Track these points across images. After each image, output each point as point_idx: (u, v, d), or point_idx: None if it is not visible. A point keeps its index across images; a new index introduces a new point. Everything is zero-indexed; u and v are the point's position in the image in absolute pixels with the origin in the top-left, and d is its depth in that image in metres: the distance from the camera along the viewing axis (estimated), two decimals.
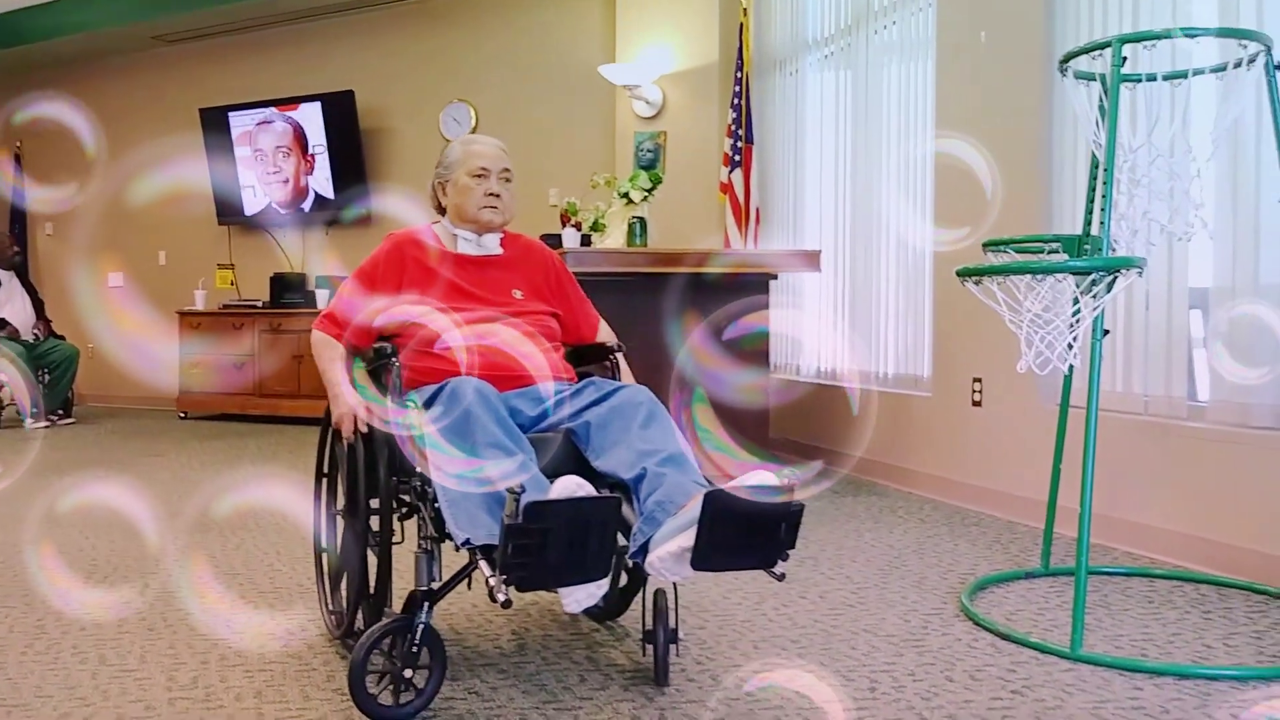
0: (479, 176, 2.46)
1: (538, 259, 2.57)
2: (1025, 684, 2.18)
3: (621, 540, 2.05)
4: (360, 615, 2.24)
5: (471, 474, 1.97)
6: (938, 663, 2.32)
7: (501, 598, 1.78)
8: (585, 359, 2.59)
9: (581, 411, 2.22)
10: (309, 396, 6.96)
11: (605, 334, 2.65)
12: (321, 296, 7.36)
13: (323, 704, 2.07)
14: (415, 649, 1.97)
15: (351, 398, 2.27)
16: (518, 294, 2.46)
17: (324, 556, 2.54)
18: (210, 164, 7.91)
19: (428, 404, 2.15)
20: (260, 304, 7.59)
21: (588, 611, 2.44)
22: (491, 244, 2.51)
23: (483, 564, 1.87)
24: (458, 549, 1.95)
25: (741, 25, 5.79)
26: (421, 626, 1.97)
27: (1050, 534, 3.08)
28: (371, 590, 2.21)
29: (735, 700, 2.09)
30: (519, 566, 1.76)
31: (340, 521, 2.39)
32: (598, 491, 1.97)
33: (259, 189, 7.81)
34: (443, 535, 2.04)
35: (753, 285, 4.56)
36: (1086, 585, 2.44)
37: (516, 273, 2.50)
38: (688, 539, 1.86)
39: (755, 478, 1.89)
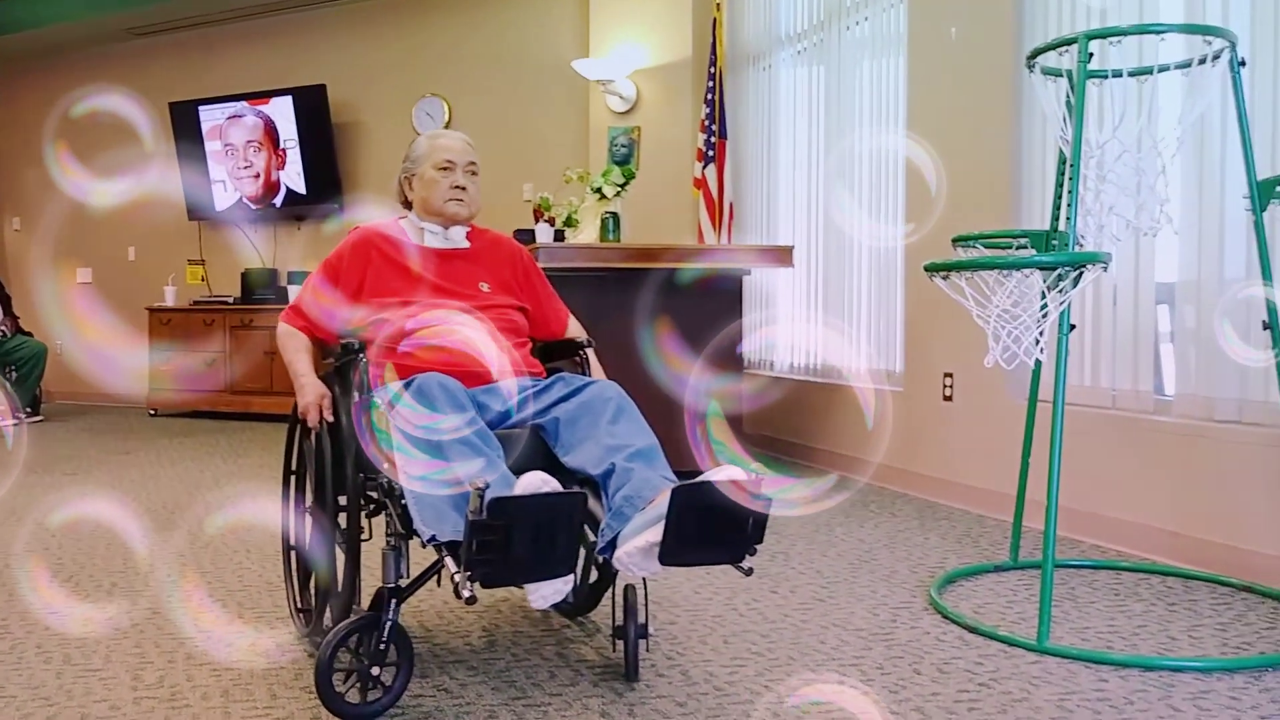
0: (445, 170, 2.46)
1: (505, 252, 2.57)
2: (992, 676, 2.20)
3: (590, 536, 2.05)
4: (328, 613, 2.22)
5: (437, 472, 1.96)
6: (906, 656, 2.33)
7: (466, 594, 1.77)
8: (556, 355, 2.59)
9: (550, 407, 2.22)
10: (281, 393, 6.91)
11: (574, 329, 2.65)
12: (293, 293, 7.28)
13: (290, 702, 2.06)
14: (382, 646, 1.96)
15: (316, 387, 2.28)
16: (485, 287, 2.45)
17: (292, 554, 2.52)
18: (180, 159, 7.83)
19: (393, 401, 2.12)
20: (231, 300, 7.53)
21: (558, 607, 2.44)
22: (458, 237, 2.51)
23: (448, 560, 1.87)
24: (424, 545, 1.95)
25: (715, 20, 5.80)
26: (389, 624, 1.96)
27: (1019, 527, 3.10)
28: (339, 588, 2.19)
29: (704, 695, 2.10)
30: (483, 563, 1.76)
31: (308, 518, 2.37)
32: (564, 487, 1.96)
33: (229, 184, 7.75)
34: (410, 532, 2.02)
35: (726, 281, 4.57)
36: (1053, 578, 2.46)
37: (483, 266, 2.50)
38: (655, 534, 1.87)
39: (724, 473, 1.89)
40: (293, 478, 2.49)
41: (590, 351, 2.53)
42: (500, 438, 2.13)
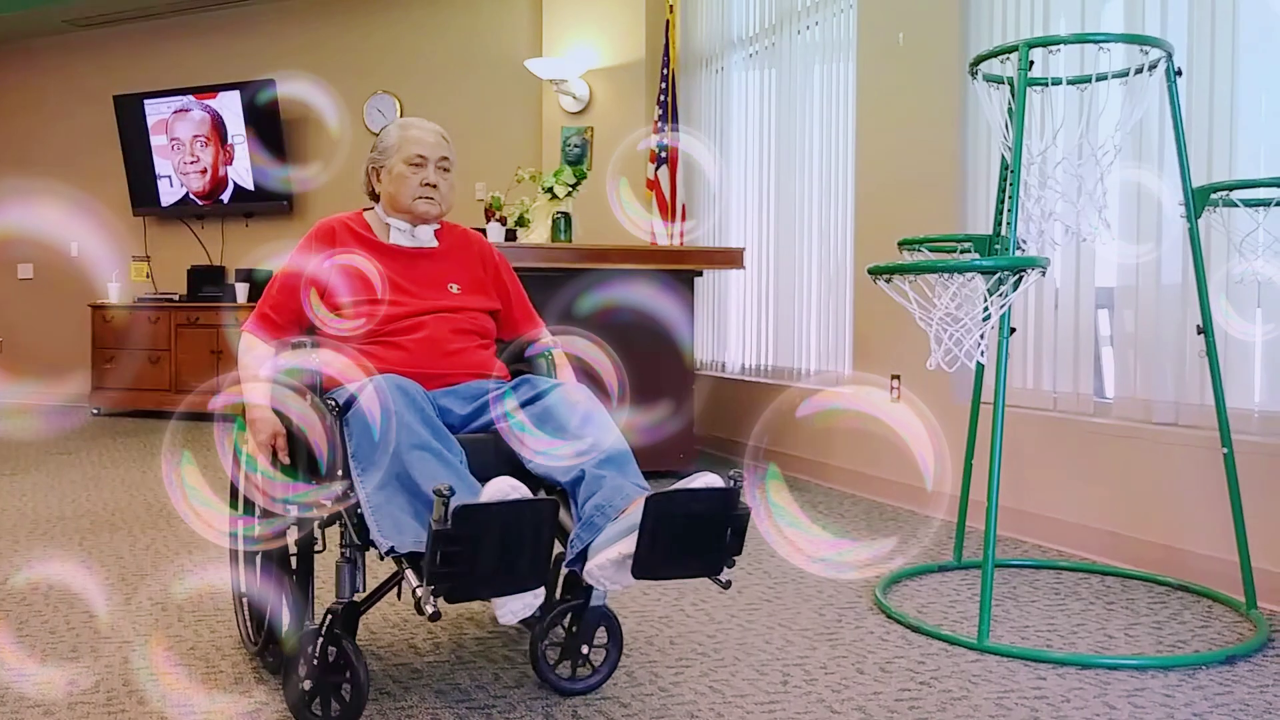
0: (416, 165, 2.30)
1: (476, 251, 2.43)
2: (933, 675, 2.23)
3: (559, 547, 1.96)
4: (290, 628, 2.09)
5: (395, 479, 1.87)
6: (850, 655, 2.35)
7: (430, 610, 1.66)
8: (519, 356, 2.46)
9: (513, 412, 2.10)
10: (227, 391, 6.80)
11: (547, 336, 2.49)
12: (241, 290, 7.21)
13: (229, 706, 2.03)
14: (338, 665, 1.88)
15: (270, 424, 2.12)
16: (454, 288, 2.31)
17: (238, 554, 2.41)
18: (125, 153, 7.69)
19: (348, 404, 2.00)
20: (177, 297, 7.41)
21: (525, 621, 2.40)
22: (426, 236, 2.36)
23: (409, 573, 1.77)
24: (382, 558, 1.85)
25: (668, 22, 5.82)
26: (343, 641, 1.88)
27: (963, 528, 3.15)
28: (291, 603, 2.09)
29: (649, 696, 2.10)
30: (447, 576, 1.65)
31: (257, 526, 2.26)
32: (533, 494, 1.84)
33: (176, 179, 7.62)
34: (367, 543, 1.92)
35: (678, 281, 4.58)
36: (994, 578, 2.50)
37: (452, 265, 2.36)
38: (628, 545, 1.77)
39: (701, 480, 1.80)
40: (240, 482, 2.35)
41: (558, 354, 2.41)
42: (464, 442, 2.01)
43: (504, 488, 1.75)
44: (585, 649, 2.11)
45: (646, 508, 1.73)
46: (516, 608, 1.77)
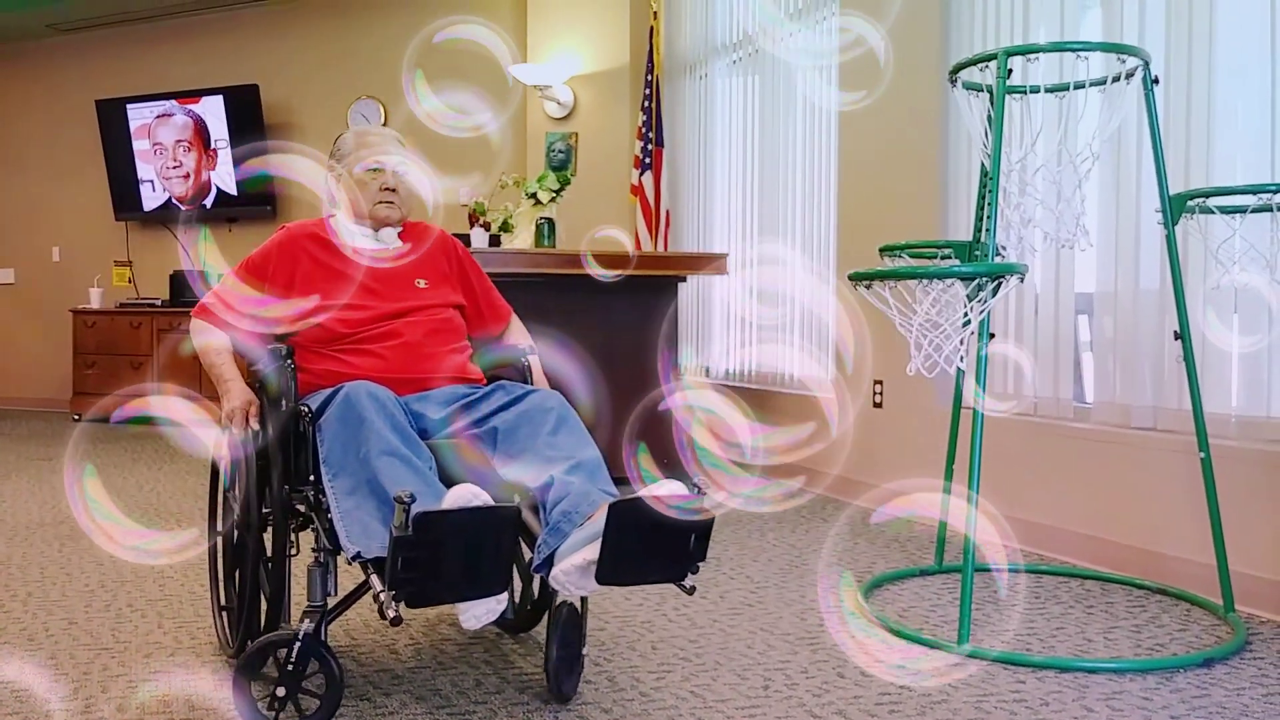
0: (374, 171, 2.33)
1: (438, 245, 2.43)
2: (913, 679, 2.24)
3: (527, 552, 1.97)
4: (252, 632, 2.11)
5: (364, 485, 1.88)
6: (830, 660, 2.36)
7: (391, 614, 1.68)
8: (493, 361, 2.44)
9: (488, 417, 2.11)
10: (210, 397, 6.77)
11: (517, 330, 2.53)
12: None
13: (208, 715, 2.02)
14: (303, 668, 1.88)
15: (243, 392, 2.17)
16: (421, 283, 2.32)
17: (219, 567, 2.41)
18: (107, 157, 7.66)
19: (320, 410, 2.03)
20: (159, 303, 7.38)
21: (497, 622, 2.39)
22: (389, 238, 2.37)
23: (373, 578, 1.79)
24: (350, 563, 1.87)
25: (652, 29, 5.84)
26: (313, 644, 1.88)
27: (944, 532, 3.16)
28: (262, 604, 2.10)
29: (630, 701, 2.10)
30: (408, 582, 1.67)
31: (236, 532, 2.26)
32: (495, 500, 1.85)
33: (158, 184, 7.59)
34: (337, 548, 1.94)
35: (662, 287, 4.59)
36: (974, 582, 2.51)
37: (417, 261, 2.36)
38: (592, 552, 1.78)
39: (665, 488, 1.81)
40: (220, 487, 2.37)
41: (534, 359, 2.41)
42: (434, 449, 2.03)
43: (466, 494, 1.77)
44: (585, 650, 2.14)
45: (610, 514, 1.75)
46: (480, 612, 1.80)
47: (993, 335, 2.64)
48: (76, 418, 7.36)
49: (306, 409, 2.05)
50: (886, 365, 4.14)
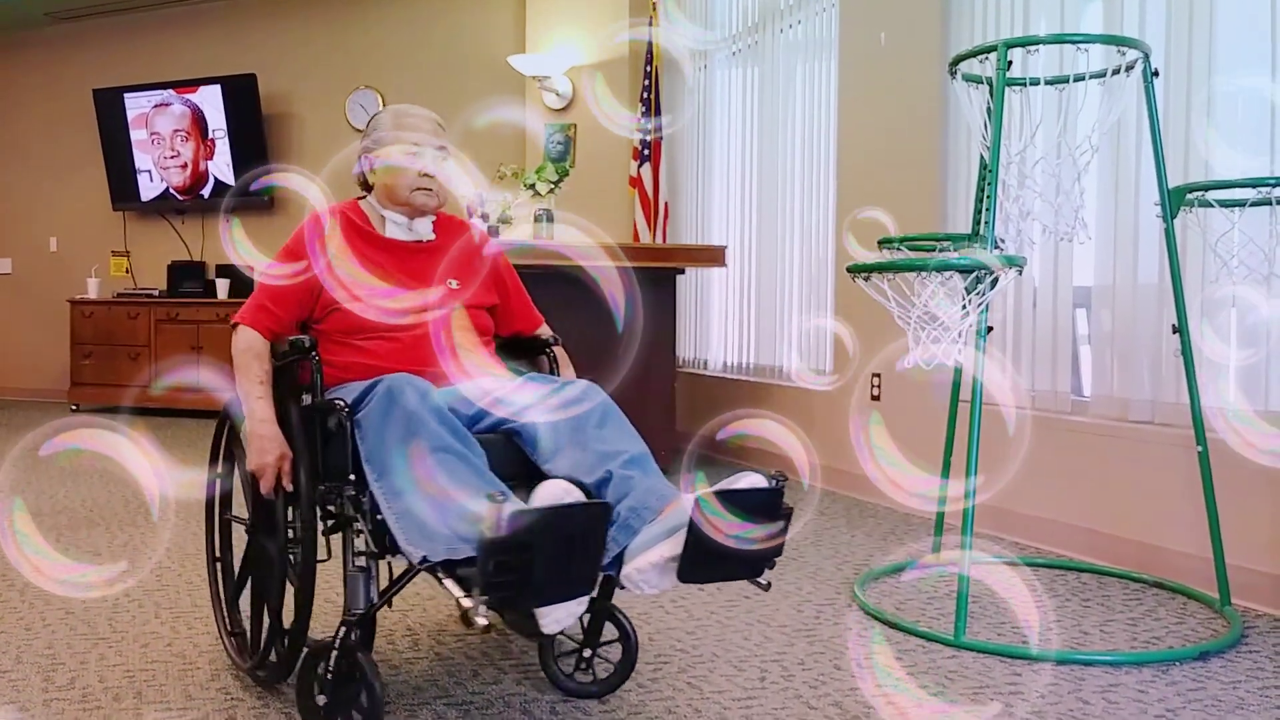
0: (411, 155, 2.18)
1: (474, 245, 2.30)
2: (909, 671, 2.24)
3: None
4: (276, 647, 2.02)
5: (422, 483, 1.77)
6: (827, 652, 2.36)
7: (482, 622, 1.55)
8: (519, 353, 2.36)
9: (524, 410, 2.00)
10: (207, 388, 6.78)
11: (544, 330, 2.41)
12: (222, 286, 7.18)
13: (205, 704, 2.02)
14: (349, 680, 1.81)
15: (278, 445, 1.97)
16: (453, 284, 2.19)
17: (218, 566, 2.33)
18: (104, 147, 7.64)
19: (356, 404, 1.90)
20: (157, 293, 7.37)
21: (519, 631, 2.31)
22: (424, 229, 2.24)
23: (448, 584, 1.64)
24: (415, 567, 1.74)
25: (651, 19, 5.81)
26: (358, 655, 1.80)
27: (941, 525, 3.16)
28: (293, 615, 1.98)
29: (627, 692, 2.10)
30: (499, 586, 1.54)
31: (245, 532, 2.16)
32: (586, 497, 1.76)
33: (156, 174, 7.57)
34: (385, 550, 1.84)
35: (660, 279, 4.59)
36: (970, 574, 2.51)
37: (451, 260, 2.22)
38: (670, 548, 1.69)
39: (745, 480, 1.73)
40: (218, 482, 2.30)
41: (560, 350, 2.33)
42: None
43: (558, 491, 1.70)
44: (589, 652, 2.10)
45: (697, 509, 1.66)
46: (561, 615, 1.70)
47: (990, 328, 2.64)
48: (75, 408, 7.36)
49: (343, 403, 1.90)
50: (884, 358, 4.14)
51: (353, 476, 1.86)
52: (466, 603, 1.57)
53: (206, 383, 6.81)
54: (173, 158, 7.51)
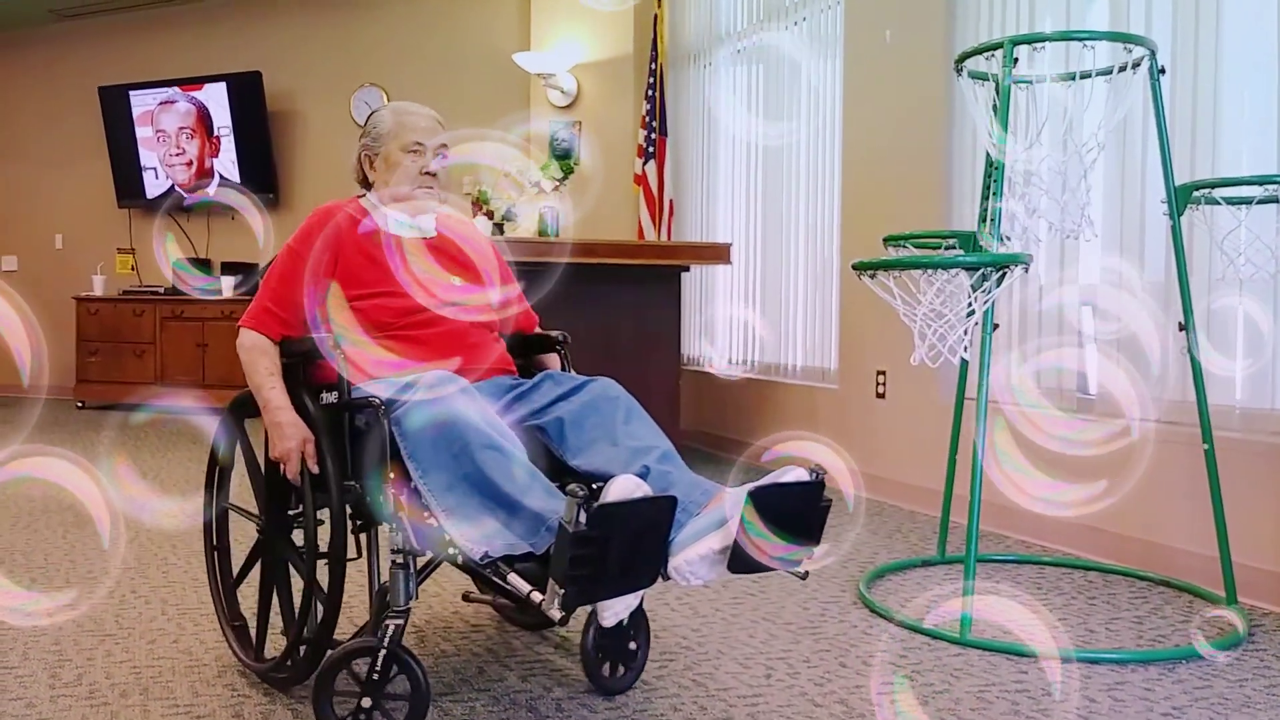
0: (413, 152, 2.18)
1: (476, 242, 2.30)
2: (915, 669, 2.24)
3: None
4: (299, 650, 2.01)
5: (472, 478, 1.78)
6: (833, 649, 2.36)
7: (558, 615, 1.60)
8: (527, 351, 2.38)
9: (548, 407, 2.02)
10: (213, 386, 6.79)
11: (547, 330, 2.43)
12: (227, 283, 7.19)
13: (212, 700, 2.03)
14: (388, 676, 1.81)
15: (298, 429, 1.97)
16: (456, 280, 2.19)
17: (216, 557, 2.31)
18: (110, 144, 7.65)
19: (391, 401, 1.88)
20: (162, 290, 7.38)
21: (516, 622, 2.37)
22: (427, 225, 2.22)
23: (513, 578, 1.67)
24: (478, 563, 1.73)
25: (656, 17, 5.81)
26: (400, 652, 1.82)
27: (946, 523, 3.16)
28: (319, 616, 1.98)
29: (632, 689, 2.10)
30: (579, 579, 1.58)
31: (251, 526, 2.17)
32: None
33: (161, 171, 7.59)
34: (424, 547, 1.84)
35: (664, 277, 4.58)
36: (976, 572, 2.51)
37: (454, 257, 2.23)
38: (720, 540, 1.72)
39: (790, 474, 1.77)
40: (217, 474, 2.28)
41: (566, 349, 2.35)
42: None
43: (630, 486, 1.71)
44: (633, 645, 2.14)
45: (750, 502, 1.69)
46: (620, 609, 1.75)
47: (996, 326, 2.64)
48: (80, 405, 7.37)
49: (379, 401, 1.89)
50: (889, 356, 4.14)
51: (392, 475, 1.85)
52: (537, 597, 1.62)
53: (211, 379, 6.82)
54: (178, 155, 7.52)
